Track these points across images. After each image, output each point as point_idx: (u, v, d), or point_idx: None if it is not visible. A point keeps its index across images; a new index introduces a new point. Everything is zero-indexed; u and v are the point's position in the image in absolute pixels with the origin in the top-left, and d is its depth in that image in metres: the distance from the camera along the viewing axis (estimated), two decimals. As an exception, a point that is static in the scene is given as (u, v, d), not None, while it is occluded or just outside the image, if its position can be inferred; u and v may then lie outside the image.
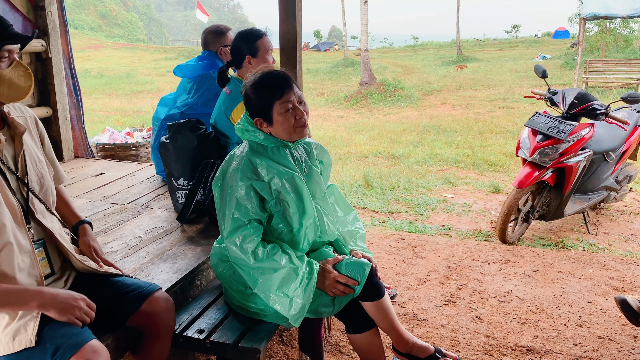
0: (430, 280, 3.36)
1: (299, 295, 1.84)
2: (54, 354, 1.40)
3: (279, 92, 1.87)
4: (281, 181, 1.88)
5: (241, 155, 1.92)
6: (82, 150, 4.38)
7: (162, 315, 1.72)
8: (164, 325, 1.74)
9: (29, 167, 1.64)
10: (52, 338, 1.44)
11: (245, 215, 1.86)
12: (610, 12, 14.36)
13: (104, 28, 58.69)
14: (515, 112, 11.73)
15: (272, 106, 1.87)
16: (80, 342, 1.42)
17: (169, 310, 1.76)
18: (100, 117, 12.41)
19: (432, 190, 5.61)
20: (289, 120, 1.88)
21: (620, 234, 4.28)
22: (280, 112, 1.87)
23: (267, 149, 1.93)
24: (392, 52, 34.73)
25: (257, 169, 1.88)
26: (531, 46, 31.61)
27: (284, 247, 1.91)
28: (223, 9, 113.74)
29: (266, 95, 1.87)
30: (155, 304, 1.71)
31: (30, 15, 3.83)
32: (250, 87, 1.91)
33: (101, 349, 1.45)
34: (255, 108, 1.91)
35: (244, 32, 2.76)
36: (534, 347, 2.62)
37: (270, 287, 1.84)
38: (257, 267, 1.84)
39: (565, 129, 3.85)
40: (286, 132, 1.90)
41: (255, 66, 2.67)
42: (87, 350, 1.42)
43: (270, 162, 1.90)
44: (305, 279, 1.86)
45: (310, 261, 1.93)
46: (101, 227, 2.66)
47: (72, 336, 1.45)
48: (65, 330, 1.46)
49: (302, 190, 1.92)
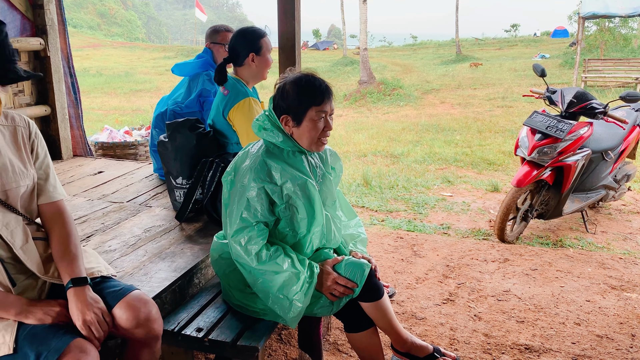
0: (429, 279, 3.36)
1: (300, 299, 1.84)
2: (37, 359, 1.37)
3: (320, 99, 1.88)
4: (294, 186, 1.88)
5: (256, 154, 1.91)
6: (80, 149, 4.38)
7: (142, 321, 1.55)
8: (147, 334, 1.58)
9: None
10: (32, 344, 1.40)
11: (254, 217, 1.86)
12: (609, 11, 14.38)
13: (102, 27, 58.65)
14: (514, 111, 11.74)
15: (307, 109, 1.87)
16: (62, 345, 1.38)
17: (150, 319, 1.57)
18: (99, 115, 12.40)
19: (431, 189, 5.61)
20: (318, 128, 1.89)
21: (619, 233, 4.29)
22: (312, 118, 1.88)
23: (283, 152, 1.93)
24: (391, 51, 34.73)
25: (271, 171, 1.87)
26: (530, 45, 31.62)
27: (287, 250, 1.91)
28: (222, 7, 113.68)
29: (307, 97, 1.87)
30: (132, 309, 1.55)
31: (29, 14, 3.83)
32: (292, 84, 1.90)
33: (88, 347, 1.41)
34: (288, 105, 1.89)
35: (246, 30, 2.74)
36: (532, 346, 2.62)
37: (270, 288, 1.84)
38: (259, 269, 1.84)
39: (564, 128, 3.85)
40: (309, 139, 1.90)
41: (258, 64, 2.68)
42: (73, 350, 1.38)
43: (286, 165, 1.89)
44: (306, 283, 1.86)
45: (311, 264, 1.92)
46: (100, 225, 2.66)
47: (54, 339, 1.40)
48: (45, 334, 1.42)
49: (313, 197, 1.91)
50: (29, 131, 1.70)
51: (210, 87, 3.27)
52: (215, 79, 2.70)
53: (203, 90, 3.27)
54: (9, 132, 1.65)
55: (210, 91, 3.27)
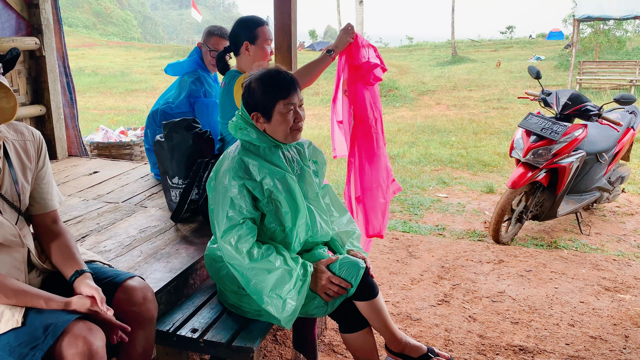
0: (424, 280, 3.37)
1: (293, 297, 1.84)
2: (45, 331, 1.41)
3: (286, 92, 1.89)
4: (273, 181, 1.89)
5: (233, 155, 1.93)
6: (75, 149, 4.36)
7: (139, 303, 1.67)
8: (144, 313, 1.68)
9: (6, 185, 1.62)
10: (40, 318, 1.45)
11: (240, 214, 1.86)
12: (604, 14, 14.46)
13: (98, 26, 58.46)
14: (509, 112, 11.78)
15: (275, 104, 1.89)
16: (69, 319, 1.43)
17: (147, 298, 1.70)
18: (94, 115, 12.36)
19: (427, 190, 5.62)
20: (288, 121, 1.91)
21: (613, 235, 4.31)
22: (281, 112, 1.89)
23: (259, 149, 1.94)
24: (387, 52, 34.72)
25: (248, 168, 1.89)
26: (525, 47, 31.69)
27: (279, 249, 1.91)
28: (218, 7, 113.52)
29: (272, 92, 1.89)
30: (130, 292, 1.66)
31: (24, 13, 3.81)
32: (256, 81, 1.91)
33: (94, 328, 1.46)
34: (256, 102, 1.91)
35: (244, 18, 2.68)
36: (526, 347, 2.63)
37: (263, 288, 1.83)
38: (251, 268, 1.84)
39: (559, 130, 3.87)
40: (282, 132, 1.92)
41: (252, 54, 2.62)
42: (82, 328, 1.43)
43: (263, 161, 1.91)
44: (300, 281, 1.86)
45: (304, 263, 1.92)
46: (95, 226, 2.65)
47: (62, 314, 1.46)
48: (52, 311, 1.48)
49: (294, 189, 1.92)
50: (38, 145, 1.74)
51: (198, 86, 3.27)
52: (217, 68, 2.70)
53: (192, 91, 3.26)
54: (21, 148, 1.68)
55: (199, 90, 3.27)
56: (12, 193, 1.63)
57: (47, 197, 1.76)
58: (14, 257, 1.61)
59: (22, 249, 1.63)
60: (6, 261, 1.59)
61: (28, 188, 1.69)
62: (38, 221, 1.75)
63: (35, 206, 1.73)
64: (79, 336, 1.41)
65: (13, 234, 1.60)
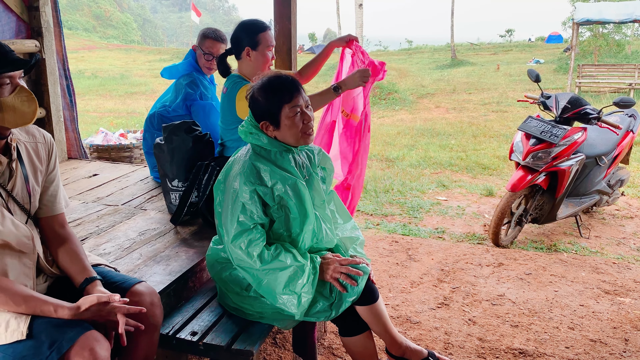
0: (424, 283, 3.37)
1: (307, 291, 1.85)
2: (50, 346, 1.40)
3: (289, 96, 1.88)
4: (284, 187, 1.89)
5: (244, 159, 1.92)
6: (75, 152, 4.36)
7: (146, 308, 1.66)
8: (150, 318, 1.69)
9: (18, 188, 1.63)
10: (46, 331, 1.44)
11: (251, 220, 1.86)
12: (603, 17, 14.49)
13: (98, 29, 58.48)
14: (508, 115, 11.78)
15: (280, 109, 1.88)
16: (76, 335, 1.43)
17: (154, 303, 1.71)
18: (94, 118, 12.36)
19: (426, 193, 5.62)
20: (297, 124, 1.90)
21: (612, 238, 4.31)
22: (288, 116, 1.89)
23: (270, 153, 1.94)
24: (387, 55, 34.78)
25: (260, 173, 1.88)
26: (525, 50, 31.74)
27: (286, 246, 1.92)
28: (218, 10, 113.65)
29: (275, 98, 1.88)
30: (138, 296, 1.67)
31: (24, 16, 3.82)
32: (258, 90, 1.91)
33: (101, 338, 1.46)
34: (262, 111, 1.91)
35: (247, 22, 2.65)
36: (526, 350, 2.63)
37: (276, 287, 1.84)
38: (263, 270, 1.84)
39: (558, 133, 3.87)
40: (294, 136, 1.92)
41: (254, 60, 2.60)
42: (89, 339, 1.43)
43: (274, 167, 1.90)
44: (311, 274, 1.88)
45: (312, 256, 1.94)
46: (94, 228, 2.65)
47: (68, 329, 1.45)
48: (61, 323, 1.46)
49: (304, 195, 1.92)
50: (49, 147, 1.74)
51: (194, 89, 3.27)
52: (218, 71, 2.69)
53: (188, 94, 3.26)
54: (32, 150, 1.68)
55: (194, 93, 3.26)
56: (23, 195, 1.63)
57: (55, 199, 1.76)
58: (23, 263, 1.60)
59: (33, 255, 1.63)
60: (16, 266, 1.58)
61: (38, 190, 1.69)
62: (45, 225, 1.75)
63: (43, 209, 1.73)
64: (85, 347, 1.42)
65: (27, 236, 1.60)
